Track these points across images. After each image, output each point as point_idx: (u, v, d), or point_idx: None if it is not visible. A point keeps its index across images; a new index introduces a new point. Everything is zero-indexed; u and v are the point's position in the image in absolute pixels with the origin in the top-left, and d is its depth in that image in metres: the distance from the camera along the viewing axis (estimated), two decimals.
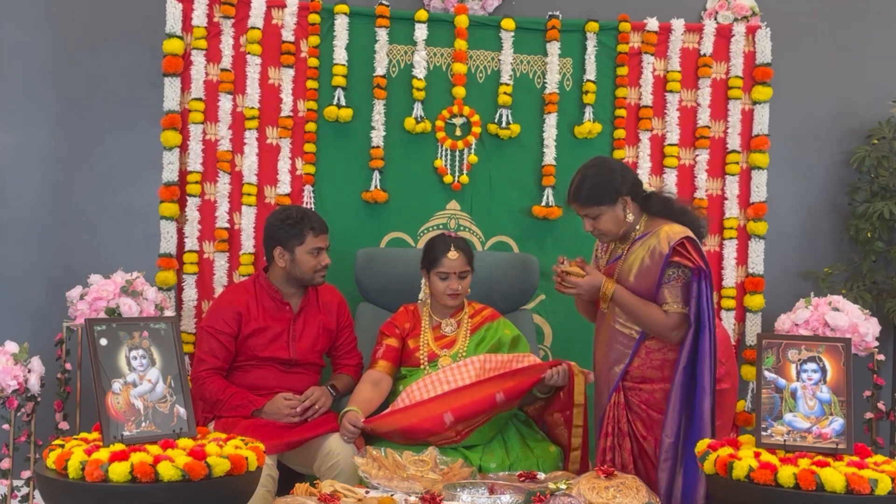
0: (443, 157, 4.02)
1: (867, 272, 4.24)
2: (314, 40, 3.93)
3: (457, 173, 4.02)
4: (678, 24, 4.10)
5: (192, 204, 3.86)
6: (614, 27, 4.08)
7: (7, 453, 3.31)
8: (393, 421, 3.10)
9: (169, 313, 3.64)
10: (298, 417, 3.17)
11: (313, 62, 3.93)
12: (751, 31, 4.13)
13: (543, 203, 4.03)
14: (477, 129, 4.01)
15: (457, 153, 4.03)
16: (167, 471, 2.25)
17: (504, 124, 4.02)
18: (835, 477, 2.38)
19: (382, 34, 3.96)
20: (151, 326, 2.59)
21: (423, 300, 3.48)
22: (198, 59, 3.86)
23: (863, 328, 3.67)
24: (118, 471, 2.23)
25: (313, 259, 3.32)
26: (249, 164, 3.90)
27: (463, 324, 3.40)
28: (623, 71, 4.08)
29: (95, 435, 2.51)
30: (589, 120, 4.06)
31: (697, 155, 4.11)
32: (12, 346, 3.30)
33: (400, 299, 3.56)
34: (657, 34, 4.09)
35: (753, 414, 3.41)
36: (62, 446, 2.42)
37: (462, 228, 4.03)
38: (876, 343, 3.72)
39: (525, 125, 4.05)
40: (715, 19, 4.20)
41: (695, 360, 2.88)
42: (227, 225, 3.90)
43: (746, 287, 4.09)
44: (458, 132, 4.03)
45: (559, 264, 3.06)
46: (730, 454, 2.53)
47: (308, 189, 3.94)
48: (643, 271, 2.96)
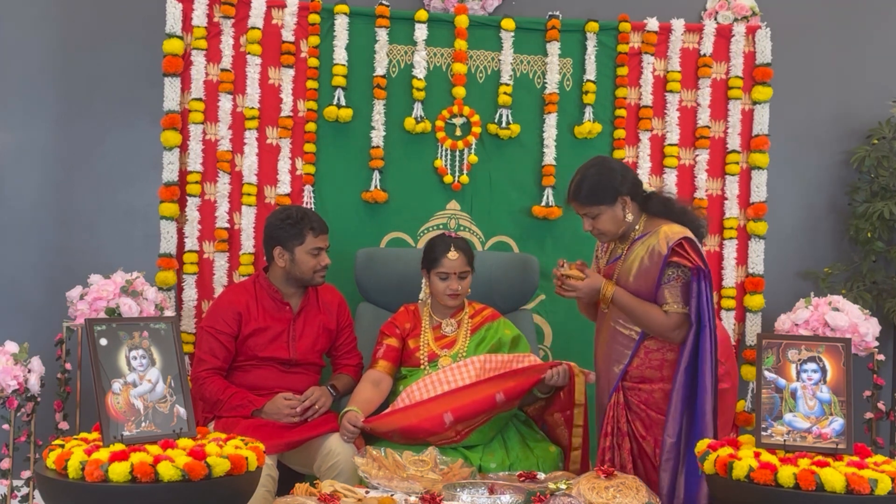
0: (443, 157, 4.02)
1: (867, 272, 4.24)
2: (314, 40, 3.93)
3: (457, 173, 4.02)
4: (678, 25, 4.10)
5: (192, 204, 3.86)
6: (614, 27, 4.08)
7: (7, 453, 3.31)
8: (393, 421, 3.10)
9: (169, 313, 3.64)
10: (298, 417, 3.17)
11: (313, 62, 3.93)
12: (751, 32, 4.12)
13: (543, 203, 4.03)
14: (477, 129, 4.01)
15: (457, 153, 4.03)
16: (167, 471, 2.25)
17: (504, 124, 4.02)
18: (835, 477, 2.38)
19: (382, 34, 3.96)
20: (151, 326, 2.59)
21: (424, 300, 3.48)
22: (198, 59, 3.86)
23: (863, 328, 3.67)
24: (118, 471, 2.23)
25: (313, 259, 3.32)
26: (249, 164, 3.90)
27: (463, 324, 3.40)
28: (623, 71, 4.08)
29: (95, 435, 2.51)
30: (589, 120, 4.06)
31: (697, 155, 4.11)
32: (12, 346, 3.30)
33: (400, 299, 3.56)
34: (657, 34, 4.09)
35: (753, 414, 3.41)
36: (62, 446, 2.41)
37: (462, 228, 4.03)
38: (876, 343, 3.72)
39: (525, 125, 4.05)
40: (715, 19, 4.20)
41: (696, 360, 2.89)
42: (227, 225, 3.90)
43: (746, 287, 4.09)
44: (458, 132, 4.03)
45: (559, 267, 3.06)
46: (730, 454, 2.53)
47: (308, 189, 3.94)
48: (642, 271, 2.96)
